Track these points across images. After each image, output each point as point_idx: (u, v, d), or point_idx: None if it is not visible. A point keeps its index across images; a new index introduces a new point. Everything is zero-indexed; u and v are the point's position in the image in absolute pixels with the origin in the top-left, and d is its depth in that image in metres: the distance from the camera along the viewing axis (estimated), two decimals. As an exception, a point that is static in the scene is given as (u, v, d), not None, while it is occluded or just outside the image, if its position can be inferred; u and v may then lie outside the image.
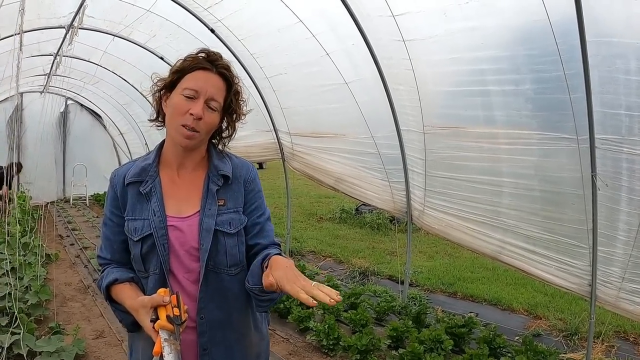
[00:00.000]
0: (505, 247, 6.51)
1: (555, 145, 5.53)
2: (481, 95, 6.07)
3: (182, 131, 2.34)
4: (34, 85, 17.72)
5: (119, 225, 2.51)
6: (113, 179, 2.57)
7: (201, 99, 2.35)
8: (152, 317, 2.14)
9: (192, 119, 2.32)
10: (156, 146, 2.62)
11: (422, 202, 7.56)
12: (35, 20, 9.29)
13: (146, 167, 2.52)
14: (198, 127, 2.34)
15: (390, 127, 7.49)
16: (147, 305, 2.17)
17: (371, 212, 16.33)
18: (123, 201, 2.51)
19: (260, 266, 2.31)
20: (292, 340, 7.12)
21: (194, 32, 9.46)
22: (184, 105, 2.35)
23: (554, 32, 4.95)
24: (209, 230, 2.40)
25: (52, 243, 12.68)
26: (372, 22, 6.59)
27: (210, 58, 2.44)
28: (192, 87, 2.36)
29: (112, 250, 2.57)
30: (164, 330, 2.08)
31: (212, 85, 2.40)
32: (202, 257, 2.39)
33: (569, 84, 5.10)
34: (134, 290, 2.42)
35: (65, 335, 6.95)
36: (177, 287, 2.40)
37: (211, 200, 2.46)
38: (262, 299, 2.36)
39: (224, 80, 2.46)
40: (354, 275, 10.71)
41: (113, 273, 2.48)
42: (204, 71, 2.42)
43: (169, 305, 2.14)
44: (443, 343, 6.31)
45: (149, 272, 2.43)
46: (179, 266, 2.43)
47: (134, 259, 2.48)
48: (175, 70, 2.46)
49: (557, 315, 8.30)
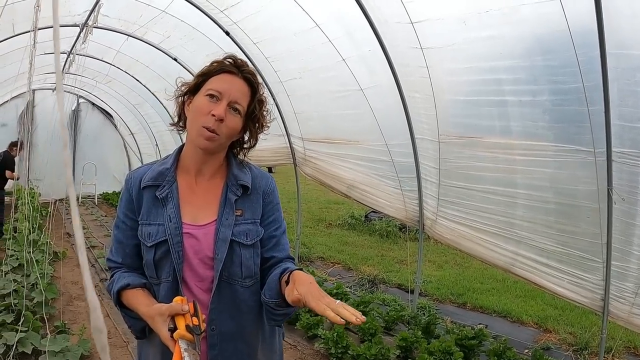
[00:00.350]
0: (517, 259, 6.46)
1: (572, 158, 5.49)
2: (498, 106, 6.03)
3: (203, 132, 2.29)
4: (46, 83, 17.81)
5: (133, 228, 2.46)
6: (129, 181, 2.52)
7: (224, 100, 2.31)
8: (169, 326, 2.09)
9: (213, 120, 2.27)
10: (175, 150, 2.57)
11: (434, 212, 7.51)
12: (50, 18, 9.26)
13: (164, 171, 2.46)
14: (219, 130, 2.29)
15: (405, 135, 7.44)
16: (165, 313, 2.11)
17: (381, 219, 16.29)
18: (138, 205, 2.45)
19: (278, 280, 2.26)
20: (300, 348, 7.08)
21: (209, 34, 9.46)
22: (207, 106, 2.30)
23: (574, 43, 4.90)
24: (225, 240, 2.35)
25: (59, 241, 12.65)
26: (390, 29, 6.54)
27: (236, 63, 2.41)
28: (217, 88, 2.33)
29: (123, 254, 2.51)
30: (184, 340, 2.03)
31: (236, 89, 2.36)
32: (217, 266, 2.34)
33: (587, 96, 5.04)
34: (147, 297, 2.36)
35: (71, 335, 6.93)
36: (189, 295, 2.34)
37: (229, 210, 2.41)
38: (277, 313, 2.31)
39: (249, 86, 2.42)
40: (362, 283, 10.67)
41: (125, 278, 2.41)
42: (230, 74, 2.38)
43: (188, 314, 2.09)
44: (453, 355, 6.24)
45: (161, 279, 2.37)
46: (192, 274, 2.37)
47: (146, 264, 2.42)
48: (200, 73, 2.43)
49: (567, 329, 8.24)
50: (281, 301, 2.21)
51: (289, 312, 2.30)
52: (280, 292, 2.22)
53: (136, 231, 2.44)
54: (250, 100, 2.42)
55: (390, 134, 7.80)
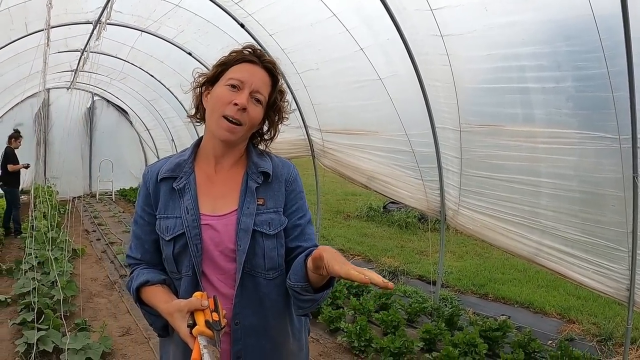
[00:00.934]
0: (542, 249, 6.39)
1: (596, 145, 5.41)
2: (520, 93, 5.96)
3: (224, 123, 2.23)
4: (60, 81, 17.88)
5: (151, 223, 2.40)
6: (146, 175, 2.46)
7: (246, 89, 2.25)
8: (188, 322, 2.03)
9: (236, 110, 2.21)
10: (193, 142, 2.51)
11: (456, 202, 7.44)
12: (63, 16, 9.29)
13: (181, 162, 2.40)
14: (242, 119, 2.23)
15: (425, 125, 7.38)
16: (184, 309, 2.05)
17: (399, 210, 16.28)
18: (155, 198, 2.39)
19: (303, 263, 2.17)
20: (322, 341, 7.05)
21: (224, 27, 9.43)
22: (228, 95, 2.24)
23: (598, 28, 4.82)
24: (246, 230, 2.27)
25: (78, 238, 12.72)
26: (409, 16, 6.48)
27: (256, 53, 2.36)
28: (238, 77, 2.26)
29: (142, 250, 2.46)
30: (203, 336, 1.97)
31: (258, 78, 2.30)
32: (239, 258, 2.26)
33: (612, 81, 4.96)
34: (167, 293, 2.30)
35: (92, 332, 6.93)
36: (211, 289, 2.28)
37: (250, 199, 2.33)
38: (303, 299, 2.21)
39: (269, 76, 2.36)
40: (383, 275, 10.55)
41: (144, 274, 2.36)
42: (250, 64, 2.33)
43: (207, 309, 2.03)
44: (477, 347, 6.19)
45: (182, 274, 2.31)
46: (213, 268, 2.30)
47: (165, 259, 2.37)
48: (219, 63, 2.37)
49: (590, 319, 8.17)
50: (307, 285, 2.14)
51: (315, 298, 2.19)
52: (306, 276, 2.14)
53: (154, 226, 2.38)
54: (272, 90, 2.37)
55: (410, 123, 7.74)
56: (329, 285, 2.18)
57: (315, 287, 2.16)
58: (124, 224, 15.74)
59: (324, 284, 2.15)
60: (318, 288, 2.16)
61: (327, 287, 2.17)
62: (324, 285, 2.16)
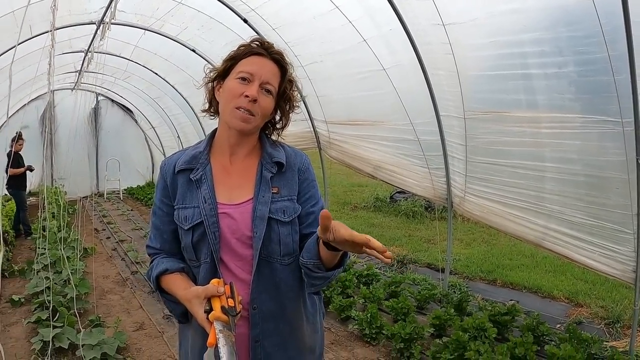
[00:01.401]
0: (548, 233, 6.44)
1: (599, 129, 5.45)
2: (523, 79, 6.00)
3: (237, 114, 2.30)
4: (65, 83, 17.85)
5: (169, 214, 2.48)
6: (163, 167, 2.54)
7: (256, 82, 2.32)
8: (205, 308, 2.10)
9: (247, 101, 2.28)
10: (208, 134, 2.58)
11: (462, 189, 7.50)
12: (67, 17, 9.32)
13: (197, 154, 2.48)
14: (254, 110, 2.30)
15: (430, 113, 7.44)
16: (201, 295, 2.12)
17: (406, 199, 16.32)
18: (173, 190, 2.48)
19: (316, 242, 2.25)
20: (334, 330, 7.11)
21: (227, 22, 9.48)
22: (239, 88, 2.31)
23: (597, 12, 4.86)
24: (262, 218, 2.35)
25: (88, 237, 12.82)
26: (411, 6, 6.52)
27: (264, 45, 2.42)
28: (248, 70, 2.34)
29: (162, 240, 2.54)
30: (219, 321, 2.05)
31: (267, 70, 2.37)
32: (256, 245, 2.34)
33: (613, 65, 5.00)
34: (185, 280, 2.39)
35: (106, 328, 7.02)
36: (228, 276, 2.36)
37: (265, 188, 2.41)
38: (315, 276, 2.30)
39: (278, 67, 2.43)
40: (392, 264, 10.67)
41: (163, 263, 2.44)
42: (259, 56, 2.39)
43: (223, 296, 2.10)
44: (487, 331, 6.25)
45: (200, 261, 2.39)
46: (231, 254, 2.38)
47: (185, 248, 2.44)
48: (228, 58, 2.44)
49: (598, 302, 8.22)
50: (319, 262, 2.23)
51: (327, 275, 2.28)
52: (318, 254, 2.23)
53: (172, 217, 2.46)
54: (281, 80, 2.44)
55: (414, 112, 7.79)
56: (340, 264, 2.27)
57: (327, 267, 2.24)
58: (132, 222, 15.78)
59: (335, 264, 2.24)
60: (330, 268, 2.25)
61: (338, 267, 2.26)
62: (336, 265, 2.25)
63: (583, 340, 6.14)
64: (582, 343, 6.11)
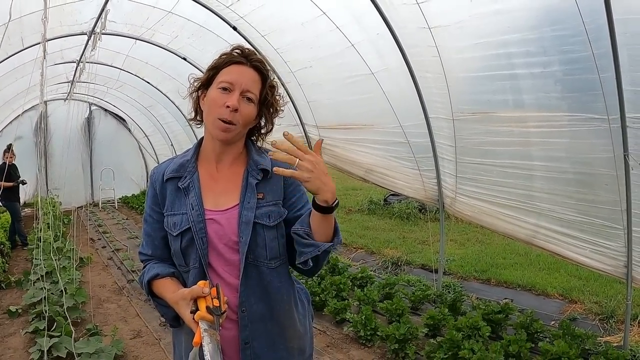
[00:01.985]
0: (539, 231, 6.50)
1: (586, 126, 5.51)
2: (510, 79, 6.06)
3: (219, 124, 2.35)
4: (57, 93, 17.85)
5: (159, 221, 2.54)
6: (152, 176, 2.61)
7: (236, 91, 2.36)
8: (191, 309, 2.17)
9: (228, 112, 2.33)
10: (195, 143, 2.64)
11: (453, 189, 7.55)
12: (58, 28, 9.35)
13: (184, 163, 2.54)
14: (234, 119, 2.35)
15: (419, 116, 7.49)
16: (187, 297, 2.20)
17: (400, 202, 16.36)
18: (162, 197, 2.54)
19: (308, 214, 2.35)
20: (329, 333, 7.15)
21: (217, 30, 9.52)
22: (220, 98, 2.36)
23: (580, 11, 4.93)
24: (248, 223, 2.40)
25: (84, 247, 12.78)
26: (397, 11, 6.57)
27: (244, 53, 2.46)
28: (228, 80, 2.38)
29: (153, 246, 2.60)
30: (204, 321, 2.11)
31: (247, 78, 2.41)
32: (242, 249, 2.39)
33: (597, 63, 5.07)
34: (175, 284, 2.44)
35: (103, 336, 7.05)
36: (217, 280, 2.40)
37: (250, 194, 2.46)
38: (305, 243, 2.33)
39: (258, 74, 2.47)
40: (386, 266, 10.75)
41: (154, 268, 2.51)
42: (238, 65, 2.43)
43: (209, 296, 2.17)
44: (480, 330, 6.30)
45: (189, 266, 2.45)
46: (219, 259, 2.44)
47: (174, 253, 2.50)
48: (210, 67, 2.49)
49: (592, 298, 8.27)
50: (309, 230, 2.31)
51: (316, 244, 2.32)
52: (309, 223, 2.32)
53: (162, 223, 2.52)
54: (262, 87, 2.47)
55: (404, 115, 7.84)
56: (333, 240, 2.33)
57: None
58: (128, 231, 15.81)
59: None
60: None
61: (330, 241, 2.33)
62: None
63: (577, 336, 6.19)
64: (576, 339, 6.16)
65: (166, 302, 2.41)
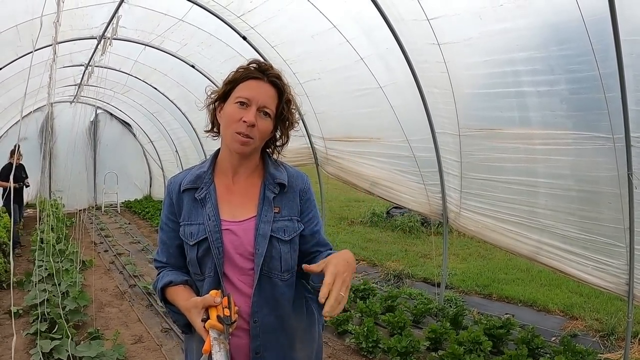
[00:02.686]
0: (542, 247, 6.53)
1: (591, 145, 5.56)
2: (516, 97, 6.10)
3: (237, 138, 2.41)
4: (64, 96, 17.89)
5: (175, 230, 2.60)
6: (169, 186, 2.66)
7: (253, 106, 2.42)
8: (203, 317, 2.23)
9: (245, 126, 2.38)
10: (212, 155, 2.69)
11: (458, 204, 7.59)
12: (68, 32, 9.37)
13: (201, 174, 2.59)
14: (252, 134, 2.40)
15: (425, 130, 7.54)
16: (199, 305, 2.26)
17: (402, 215, 16.38)
18: (179, 207, 2.59)
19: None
20: (331, 344, 7.17)
21: (226, 39, 9.54)
22: (238, 113, 2.42)
23: (588, 31, 4.97)
24: (264, 236, 2.46)
25: (86, 250, 12.79)
26: (407, 26, 6.63)
27: (261, 68, 2.51)
28: (245, 95, 2.43)
29: (168, 254, 2.66)
30: (214, 329, 2.17)
31: (264, 93, 2.46)
32: (257, 261, 2.45)
33: (604, 83, 5.11)
34: (187, 292, 2.50)
35: (105, 341, 7.05)
36: (231, 289, 2.45)
37: (267, 207, 2.52)
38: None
39: (275, 89, 2.52)
40: (388, 279, 10.76)
41: (168, 275, 2.57)
42: (256, 80, 2.48)
43: (220, 305, 2.23)
44: (482, 344, 6.34)
45: (205, 275, 2.50)
46: (234, 269, 2.48)
47: (190, 262, 2.55)
48: (227, 81, 2.53)
49: (593, 315, 8.30)
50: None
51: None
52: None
53: (178, 232, 2.58)
54: (278, 102, 2.53)
55: (410, 129, 7.88)
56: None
57: None
58: (130, 236, 15.83)
59: None
60: None
61: None
62: None
63: (577, 353, 6.23)
64: (577, 355, 6.20)
65: (179, 309, 2.46)
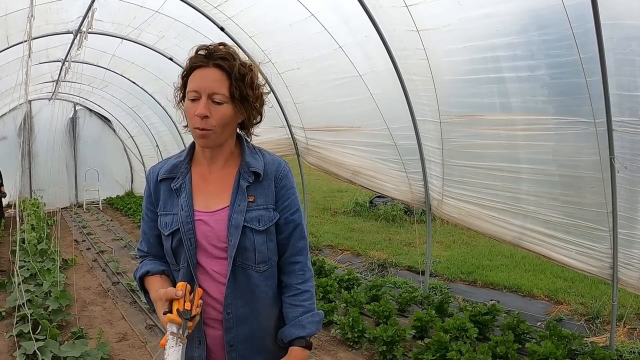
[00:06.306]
0: (525, 233, 6.54)
1: (573, 130, 5.57)
2: (497, 83, 6.09)
3: (196, 133, 2.37)
4: (42, 93, 17.70)
5: (154, 220, 2.58)
6: (148, 175, 2.63)
7: (203, 97, 2.34)
8: (165, 310, 2.21)
9: (199, 120, 2.33)
10: (189, 145, 2.65)
11: (440, 192, 7.58)
12: (44, 27, 9.27)
13: (178, 164, 2.56)
14: (208, 125, 2.34)
15: (406, 118, 7.52)
16: (163, 298, 2.24)
17: (385, 204, 16.39)
18: (156, 197, 2.57)
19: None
20: (317, 335, 7.10)
21: (204, 31, 9.43)
22: (191, 108, 2.36)
23: (568, 16, 4.96)
24: (237, 226, 2.42)
25: (68, 248, 12.72)
26: (385, 13, 6.59)
27: (207, 53, 2.39)
28: (193, 88, 2.36)
29: (148, 244, 2.66)
30: (173, 323, 2.15)
31: (210, 80, 2.35)
32: (230, 252, 2.41)
33: (584, 67, 5.11)
34: (162, 282, 2.49)
35: (89, 340, 6.97)
36: (206, 280, 2.44)
37: (241, 196, 2.47)
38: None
39: (222, 72, 2.37)
40: (372, 268, 10.74)
41: (147, 265, 2.57)
42: (200, 69, 2.38)
43: (181, 299, 2.21)
44: (468, 331, 6.33)
45: (180, 266, 2.48)
46: (208, 260, 2.46)
47: (166, 252, 2.54)
48: (182, 75, 2.47)
49: (578, 299, 8.32)
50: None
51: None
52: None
53: (157, 222, 2.56)
54: (229, 83, 2.39)
55: (391, 117, 7.87)
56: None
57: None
58: (112, 233, 15.67)
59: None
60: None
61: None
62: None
63: (563, 337, 6.23)
64: (563, 339, 6.20)
65: None
